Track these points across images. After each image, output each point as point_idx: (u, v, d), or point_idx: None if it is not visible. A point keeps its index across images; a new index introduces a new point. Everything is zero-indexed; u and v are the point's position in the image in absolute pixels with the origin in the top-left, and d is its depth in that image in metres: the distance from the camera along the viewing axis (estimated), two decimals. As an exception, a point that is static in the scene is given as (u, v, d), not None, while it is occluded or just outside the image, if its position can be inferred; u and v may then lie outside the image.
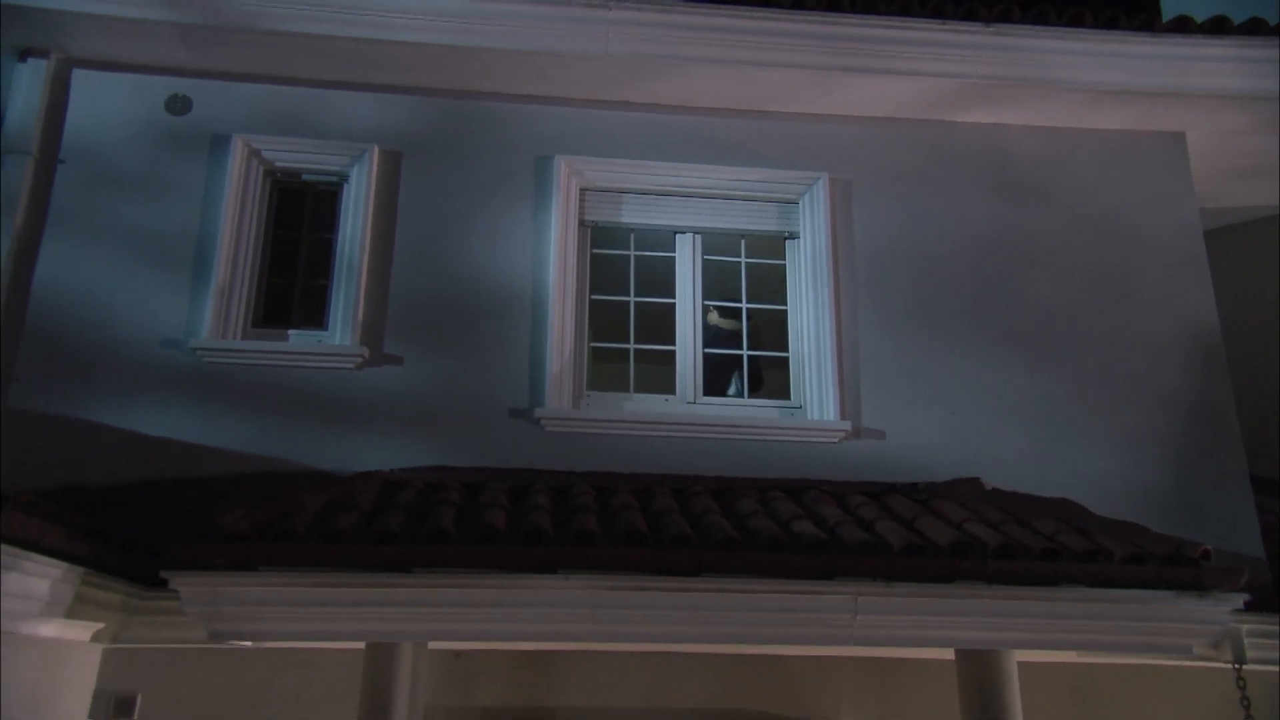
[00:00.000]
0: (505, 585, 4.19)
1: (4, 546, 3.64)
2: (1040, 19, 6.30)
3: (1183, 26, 6.35)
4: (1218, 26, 6.37)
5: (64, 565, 4.13)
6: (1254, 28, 6.35)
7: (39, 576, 4.00)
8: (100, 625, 4.76)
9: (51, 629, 4.35)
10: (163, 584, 4.78)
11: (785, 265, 6.63)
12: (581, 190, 6.43)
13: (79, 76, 6.12)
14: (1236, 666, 5.43)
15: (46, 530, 3.89)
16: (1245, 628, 5.41)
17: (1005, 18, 6.29)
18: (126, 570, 4.71)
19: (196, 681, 5.41)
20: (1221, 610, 4.39)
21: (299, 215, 6.34)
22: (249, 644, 5.11)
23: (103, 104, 6.11)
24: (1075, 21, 6.30)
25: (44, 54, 5.98)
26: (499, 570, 4.17)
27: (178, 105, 6.14)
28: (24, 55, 5.97)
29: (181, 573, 4.03)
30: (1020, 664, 4.63)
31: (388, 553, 4.11)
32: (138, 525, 5.03)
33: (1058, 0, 6.35)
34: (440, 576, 4.15)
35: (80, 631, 4.67)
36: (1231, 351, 6.71)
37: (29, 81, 5.92)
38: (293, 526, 4.18)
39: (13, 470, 5.19)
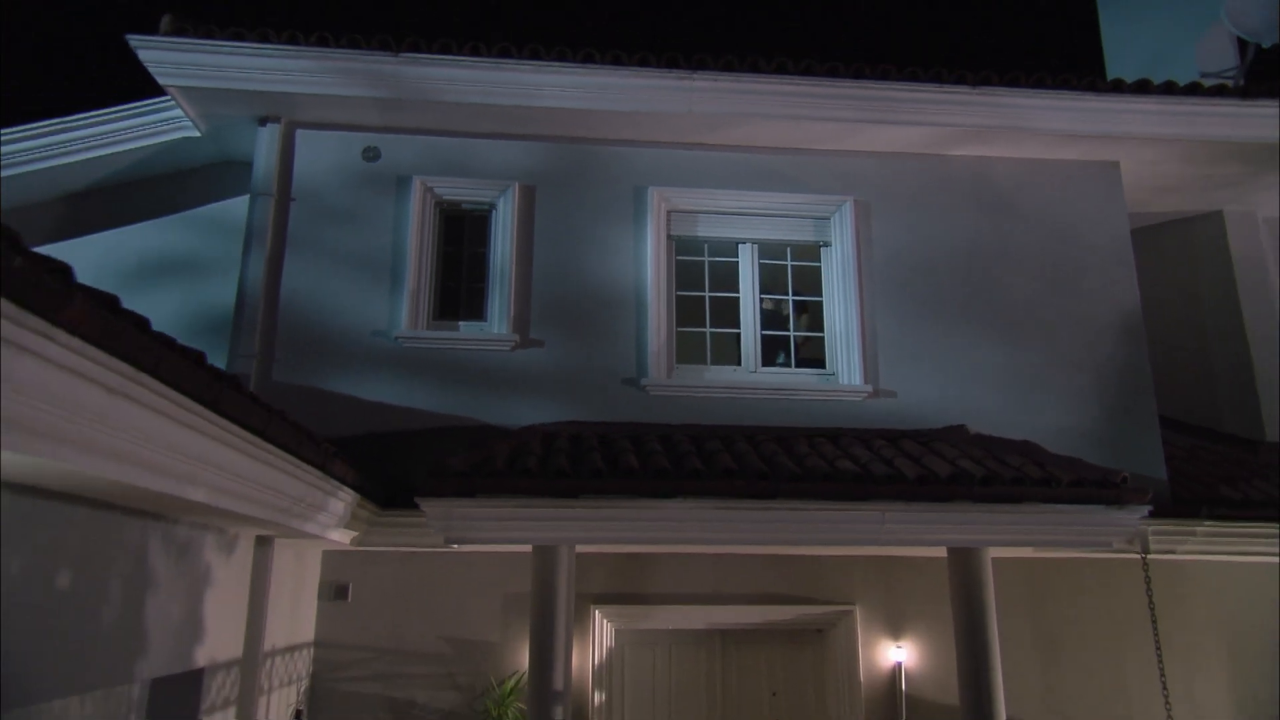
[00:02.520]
0: (643, 506, 5.04)
1: (332, 480, 4.71)
2: (1013, 81, 6.89)
3: (1117, 87, 6.93)
4: (1142, 87, 6.94)
5: (352, 493, 5.10)
6: (1169, 88, 6.96)
7: (342, 500, 4.99)
8: (356, 534, 5.68)
9: (336, 535, 5.29)
10: (393, 505, 5.87)
11: (821, 267, 7.25)
12: (668, 212, 7.05)
13: (301, 135, 6.82)
14: (1143, 556, 6.18)
15: (348, 471, 4.86)
16: (1150, 529, 6.06)
17: (987, 81, 6.88)
18: (374, 496, 5.66)
19: (388, 575, 6.38)
20: (1134, 517, 5.18)
21: (460, 235, 7.01)
22: (425, 549, 5.98)
23: (318, 155, 6.79)
24: (1038, 84, 6.87)
25: (276, 120, 6.73)
26: (638, 496, 5.01)
27: (371, 154, 6.81)
28: (263, 121, 6.72)
29: (426, 498, 4.91)
30: (993, 559, 5.35)
31: (562, 484, 4.96)
32: (368, 465, 5.84)
33: (1026, 67, 6.90)
34: (598, 500, 4.99)
35: (345, 537, 5.56)
36: (1150, 318, 7.40)
37: (267, 141, 6.67)
38: (495, 466, 5.04)
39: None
